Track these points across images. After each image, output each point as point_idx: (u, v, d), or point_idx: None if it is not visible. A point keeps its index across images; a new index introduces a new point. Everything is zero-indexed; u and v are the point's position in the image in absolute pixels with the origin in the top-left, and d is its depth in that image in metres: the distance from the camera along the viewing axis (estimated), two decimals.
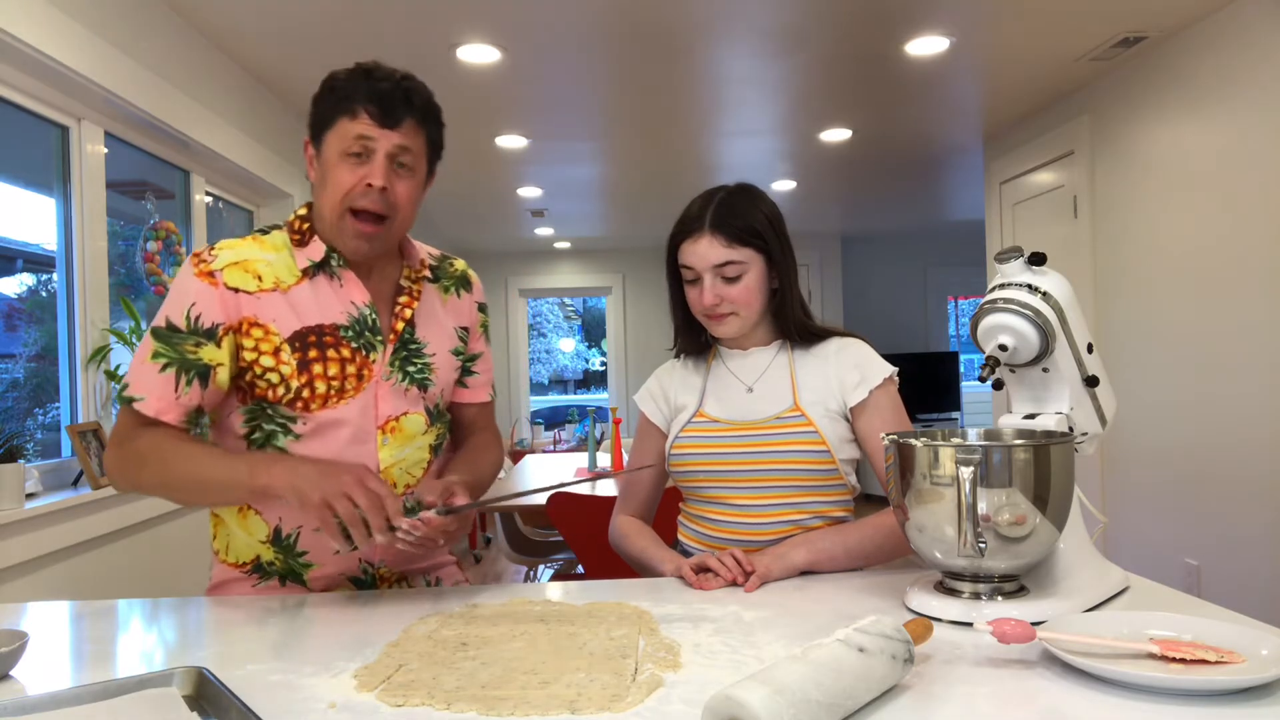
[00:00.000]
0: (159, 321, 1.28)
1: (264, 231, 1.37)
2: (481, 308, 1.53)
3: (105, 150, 2.60)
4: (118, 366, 2.52)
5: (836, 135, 4.67)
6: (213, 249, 1.31)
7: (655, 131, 4.53)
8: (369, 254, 1.31)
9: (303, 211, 1.36)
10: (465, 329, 1.48)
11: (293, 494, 1.15)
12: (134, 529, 2.53)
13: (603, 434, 4.81)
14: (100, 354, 2.49)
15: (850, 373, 1.43)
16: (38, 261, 2.61)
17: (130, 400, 1.27)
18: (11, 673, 0.98)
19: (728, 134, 4.64)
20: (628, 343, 8.71)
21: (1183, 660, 0.89)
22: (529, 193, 5.89)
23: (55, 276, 2.49)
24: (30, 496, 2.17)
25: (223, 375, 1.28)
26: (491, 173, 5.25)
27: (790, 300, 1.46)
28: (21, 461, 2.07)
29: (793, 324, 1.47)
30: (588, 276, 8.79)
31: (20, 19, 2.09)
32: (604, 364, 9.65)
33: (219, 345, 1.27)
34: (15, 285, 2.72)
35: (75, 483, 2.38)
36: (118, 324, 2.60)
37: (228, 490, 1.25)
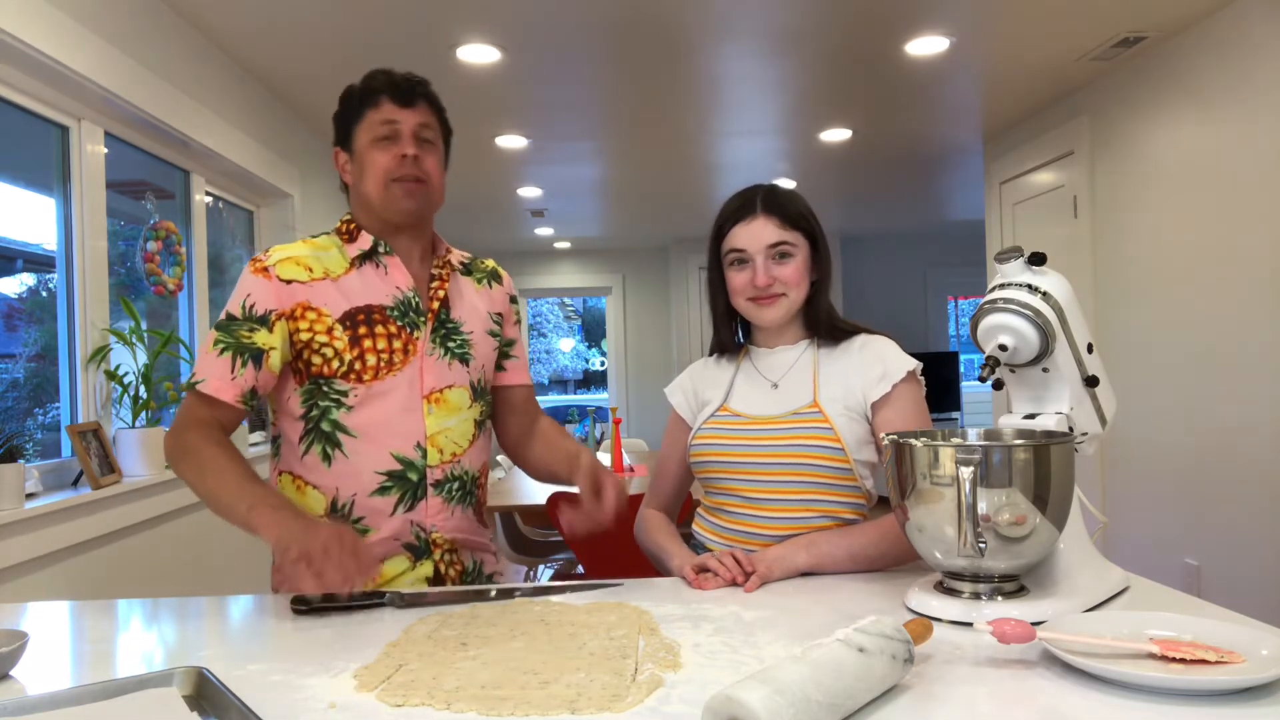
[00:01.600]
0: (221, 318, 1.42)
1: (313, 236, 1.51)
2: (513, 299, 1.66)
3: (105, 150, 2.60)
4: (118, 366, 2.52)
5: (836, 135, 4.67)
6: (267, 251, 1.45)
7: (655, 131, 4.53)
8: (416, 214, 1.45)
9: (346, 217, 1.51)
10: (499, 314, 1.60)
11: (276, 544, 1.21)
12: (134, 529, 2.53)
13: (603, 434, 4.81)
14: (100, 354, 2.49)
15: (873, 367, 1.43)
16: (38, 261, 2.61)
17: (194, 384, 1.39)
18: (11, 673, 0.98)
19: (728, 134, 4.64)
20: (628, 343, 8.71)
21: (1183, 660, 0.89)
22: (529, 193, 5.89)
23: (55, 276, 2.49)
24: (30, 496, 2.17)
25: (275, 359, 1.40)
26: (491, 173, 5.25)
27: (824, 295, 1.50)
28: (21, 461, 2.07)
29: (822, 318, 1.49)
30: (588, 276, 8.79)
31: (20, 19, 2.09)
32: (604, 364, 9.65)
33: (271, 330, 1.39)
34: (15, 285, 2.72)
35: (75, 483, 2.38)
36: (118, 324, 2.59)
37: (231, 515, 1.31)
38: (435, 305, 1.48)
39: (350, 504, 1.42)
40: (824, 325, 1.49)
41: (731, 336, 1.57)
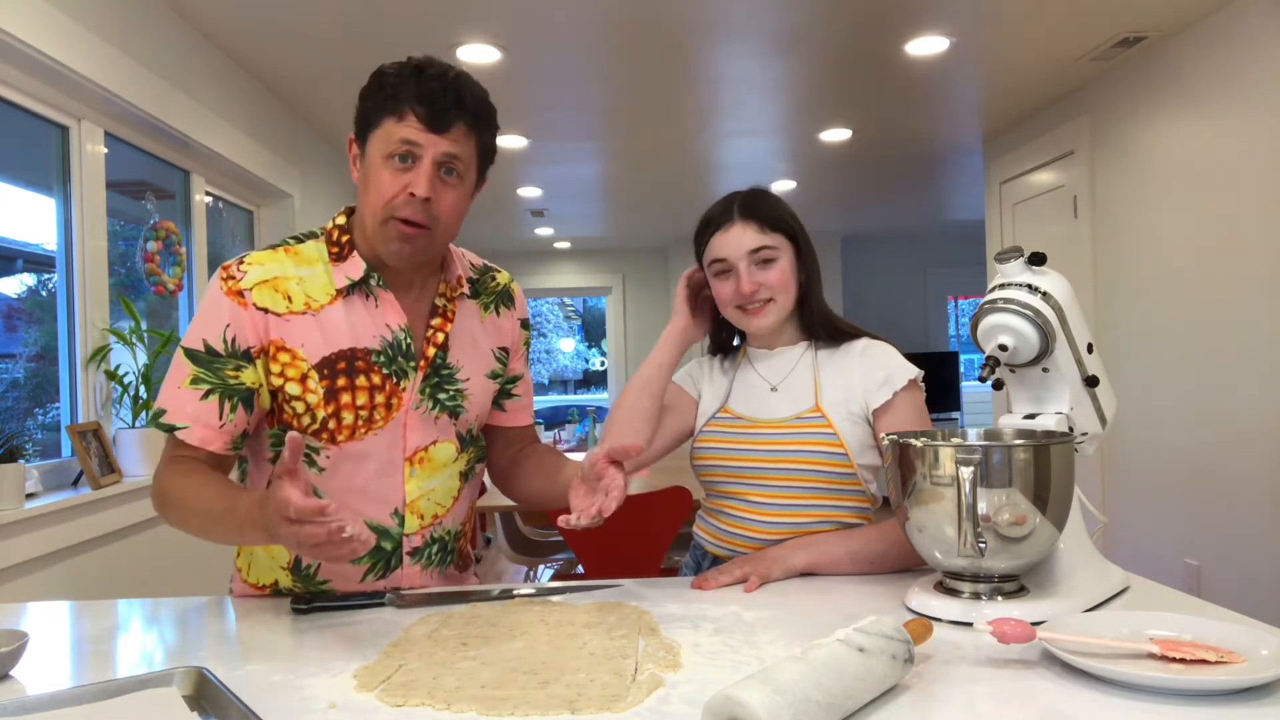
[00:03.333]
0: (193, 344, 1.22)
1: (299, 239, 1.29)
2: (524, 324, 1.46)
3: (105, 150, 2.59)
4: (118, 366, 2.52)
5: (836, 135, 4.67)
6: (242, 263, 1.25)
7: (655, 131, 4.53)
8: (410, 260, 1.23)
9: (341, 220, 1.29)
10: (505, 349, 1.41)
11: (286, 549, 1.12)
12: (134, 529, 2.53)
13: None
14: (100, 354, 2.49)
15: (875, 373, 1.41)
16: (38, 261, 2.61)
17: (171, 428, 1.21)
18: (11, 673, 0.98)
19: (728, 134, 4.64)
20: (628, 343, 8.71)
21: (1183, 660, 0.89)
22: (529, 193, 5.89)
23: (55, 276, 2.49)
24: (30, 496, 2.17)
25: (265, 396, 1.24)
26: (492, 173, 5.23)
27: (816, 295, 1.47)
28: (21, 461, 2.07)
29: (819, 320, 1.46)
30: (588, 276, 8.79)
31: (20, 19, 2.09)
32: (604, 364, 9.65)
33: (255, 366, 1.22)
34: (15, 285, 2.72)
35: (75, 483, 2.38)
36: (118, 324, 2.59)
37: (231, 542, 1.21)
38: (431, 351, 1.28)
39: (316, 565, 1.29)
40: (821, 326, 1.47)
41: (726, 341, 1.56)
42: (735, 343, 1.58)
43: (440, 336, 1.30)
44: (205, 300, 1.25)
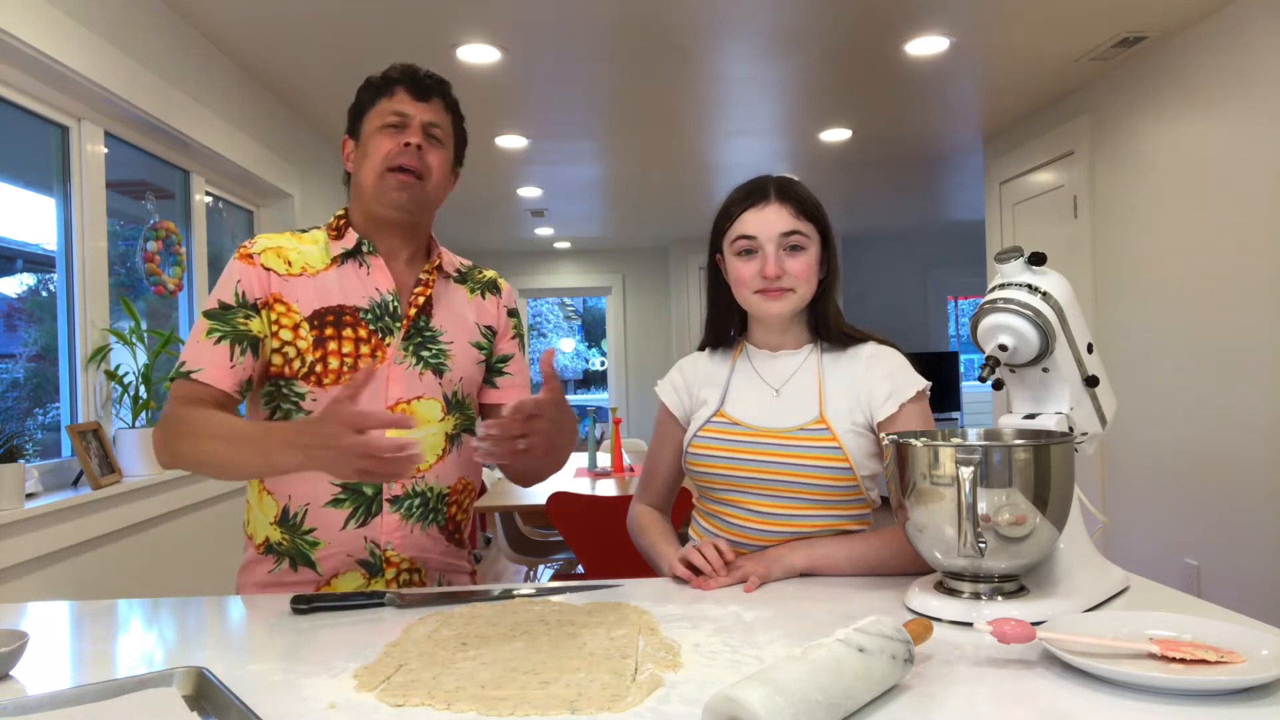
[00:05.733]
0: (209, 305, 1.36)
1: (304, 231, 1.48)
2: (512, 313, 1.57)
3: (105, 150, 2.60)
4: (118, 366, 2.52)
5: (836, 135, 4.67)
6: (253, 239, 1.43)
7: (655, 131, 4.53)
8: (408, 208, 1.39)
9: (340, 213, 1.47)
10: (490, 328, 1.52)
11: (317, 470, 1.12)
12: (134, 529, 2.53)
13: (603, 434, 4.81)
14: (100, 354, 2.49)
15: (881, 383, 1.38)
16: (38, 261, 2.61)
17: (188, 374, 1.32)
18: (11, 673, 0.98)
19: (728, 134, 4.64)
20: (627, 343, 8.71)
21: (1183, 660, 0.89)
22: (529, 193, 5.89)
23: (55, 276, 2.49)
24: (30, 496, 2.17)
25: (269, 347, 1.37)
26: (491, 173, 5.25)
27: (832, 295, 1.45)
28: (21, 461, 2.07)
29: (830, 322, 1.44)
30: (588, 276, 8.79)
31: (20, 19, 2.09)
32: (604, 364, 9.66)
33: (262, 317, 1.37)
34: (15, 285, 2.72)
35: (75, 483, 2.38)
36: (118, 324, 2.60)
37: (250, 472, 1.29)
38: (413, 311, 1.42)
39: (303, 513, 1.37)
40: (831, 330, 1.44)
41: (725, 333, 1.52)
42: (733, 334, 1.54)
43: (420, 300, 1.43)
44: (222, 275, 1.41)
